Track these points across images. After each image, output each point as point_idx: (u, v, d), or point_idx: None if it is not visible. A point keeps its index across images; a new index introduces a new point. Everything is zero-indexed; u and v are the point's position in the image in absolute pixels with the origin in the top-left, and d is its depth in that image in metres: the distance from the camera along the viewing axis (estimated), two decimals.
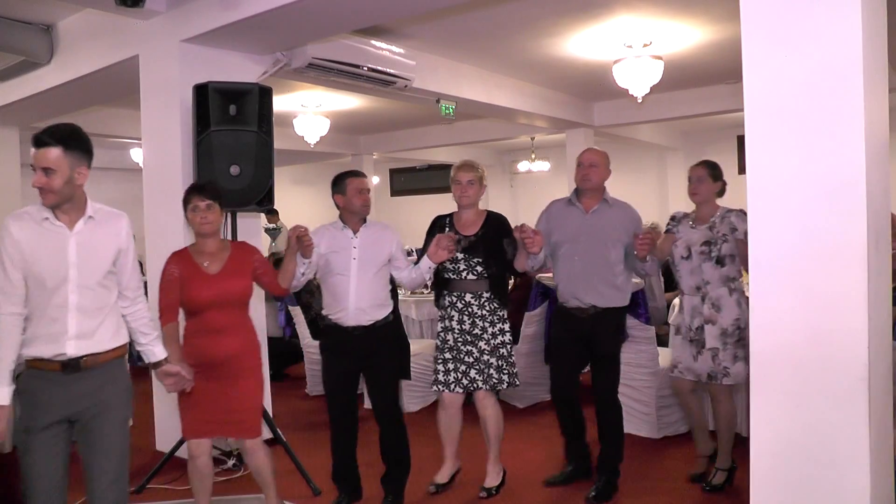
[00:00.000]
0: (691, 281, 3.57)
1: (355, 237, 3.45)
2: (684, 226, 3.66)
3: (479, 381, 3.52)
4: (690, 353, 3.58)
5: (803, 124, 2.09)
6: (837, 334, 2.05)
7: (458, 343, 3.55)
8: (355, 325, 3.39)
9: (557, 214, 3.68)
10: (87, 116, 7.68)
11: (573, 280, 3.55)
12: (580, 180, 3.61)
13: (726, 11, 5.03)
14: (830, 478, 2.07)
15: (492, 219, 3.65)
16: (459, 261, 3.54)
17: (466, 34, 5.62)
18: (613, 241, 3.54)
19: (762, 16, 2.15)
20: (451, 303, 3.59)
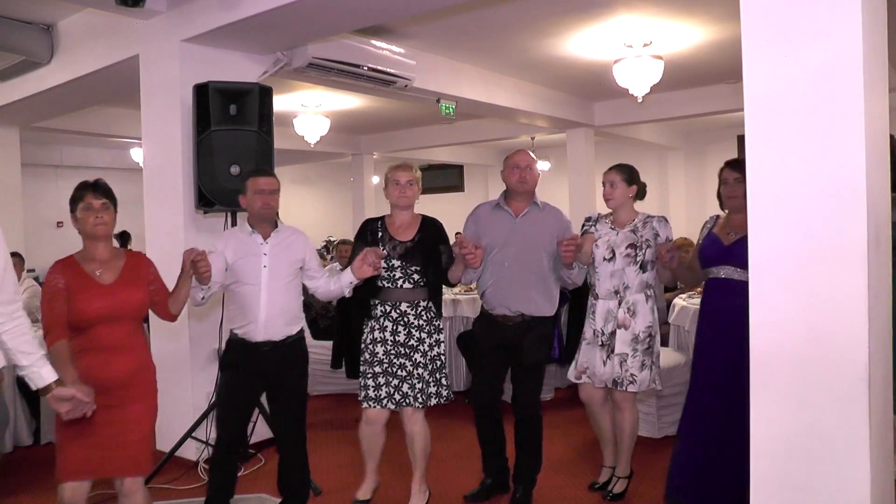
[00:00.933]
0: (610, 284, 3.45)
1: (265, 243, 3.18)
2: (603, 227, 3.55)
3: (410, 397, 3.28)
4: (600, 358, 3.46)
5: (803, 124, 2.09)
6: (837, 334, 2.04)
7: (391, 356, 3.30)
8: (265, 339, 3.13)
9: (485, 219, 3.52)
10: (88, 116, 7.70)
11: (504, 287, 3.40)
12: (517, 182, 3.44)
13: (726, 11, 5.03)
14: (830, 478, 2.07)
15: (427, 223, 3.42)
16: (396, 268, 3.31)
17: (467, 34, 5.62)
18: (545, 247, 3.42)
19: (762, 15, 2.15)
20: (384, 312, 3.33)
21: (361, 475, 3.61)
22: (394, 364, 3.29)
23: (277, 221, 3.27)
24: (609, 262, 3.45)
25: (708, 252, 3.30)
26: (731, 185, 3.26)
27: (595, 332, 3.48)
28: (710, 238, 3.33)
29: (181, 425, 4.07)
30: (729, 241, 3.23)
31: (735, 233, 3.21)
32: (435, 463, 3.92)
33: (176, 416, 4.14)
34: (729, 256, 3.19)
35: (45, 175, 11.46)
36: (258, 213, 3.19)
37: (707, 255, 3.31)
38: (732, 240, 3.21)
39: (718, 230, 3.33)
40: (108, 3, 3.91)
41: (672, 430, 4.52)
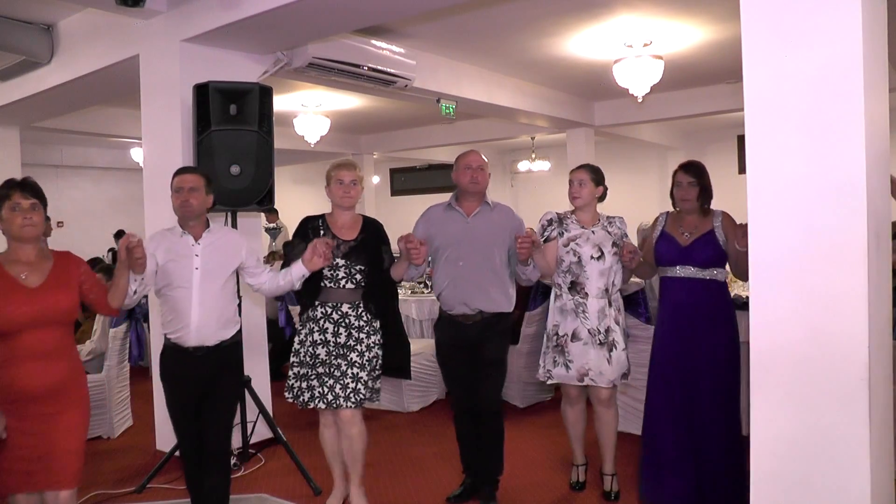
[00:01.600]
0: (600, 282, 3.42)
1: (197, 244, 3.07)
2: (574, 227, 3.51)
3: (341, 398, 3.20)
4: (603, 356, 3.39)
5: (804, 124, 2.09)
6: (838, 334, 2.04)
7: (332, 357, 3.22)
8: (198, 345, 3.03)
9: (437, 220, 3.50)
10: (88, 116, 7.71)
11: (461, 285, 3.38)
12: (469, 183, 3.44)
13: (727, 11, 5.03)
14: (831, 478, 2.07)
15: (369, 223, 3.40)
16: (339, 268, 3.24)
17: (467, 34, 5.62)
18: (498, 245, 3.42)
19: (762, 15, 2.15)
20: (324, 314, 3.25)
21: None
22: (332, 365, 3.23)
23: (209, 221, 3.17)
24: (598, 260, 3.43)
25: (665, 252, 3.38)
26: (685, 188, 3.34)
27: (591, 331, 3.41)
28: (666, 238, 3.41)
29: None
30: (686, 241, 3.32)
31: (689, 233, 3.33)
32: (435, 463, 3.92)
33: None
34: (688, 258, 3.30)
35: (46, 175, 11.43)
36: (177, 213, 3.08)
37: (664, 255, 3.39)
38: (689, 241, 3.31)
39: (671, 229, 3.41)
40: (109, 3, 3.90)
41: None
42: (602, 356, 3.40)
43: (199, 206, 3.06)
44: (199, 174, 3.14)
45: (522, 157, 12.57)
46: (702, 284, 3.29)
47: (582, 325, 3.42)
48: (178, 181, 3.07)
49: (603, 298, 3.43)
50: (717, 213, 3.36)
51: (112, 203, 12.21)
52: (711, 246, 3.28)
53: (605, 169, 3.68)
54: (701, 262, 3.28)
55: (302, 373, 3.27)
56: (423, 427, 4.43)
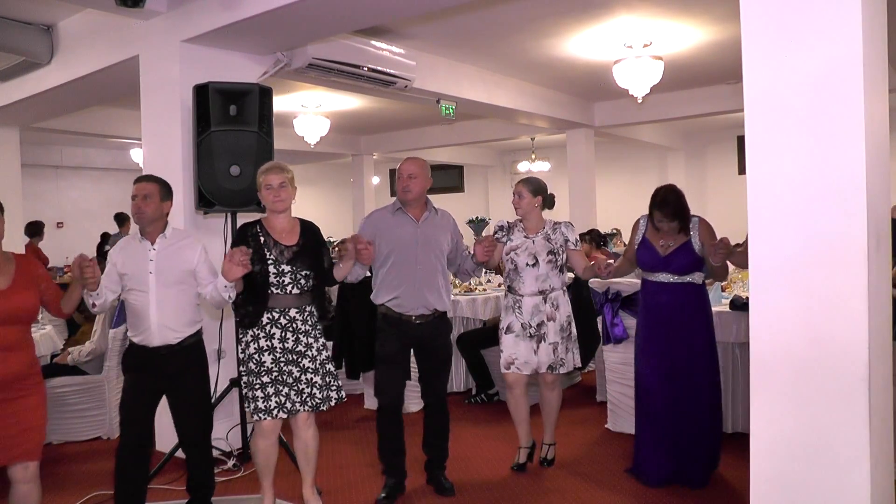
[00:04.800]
0: (535, 286, 3.75)
1: (153, 249, 3.20)
2: (517, 235, 3.83)
3: (297, 404, 3.21)
4: (530, 347, 3.75)
5: (804, 124, 2.09)
6: (838, 335, 2.04)
7: (281, 363, 3.21)
8: (162, 344, 3.17)
9: (385, 224, 3.58)
10: (87, 117, 7.71)
11: (419, 288, 3.50)
12: (401, 192, 3.56)
13: (726, 11, 5.03)
14: (830, 478, 2.07)
15: (307, 227, 3.37)
16: (285, 273, 3.22)
17: (467, 34, 5.62)
18: (444, 248, 3.62)
19: (762, 16, 2.15)
20: (272, 320, 3.21)
21: (361, 475, 3.62)
22: (283, 372, 3.20)
23: (168, 227, 3.26)
24: (533, 267, 3.76)
25: (646, 259, 3.72)
26: (666, 224, 3.60)
27: (523, 325, 3.75)
28: (646, 245, 3.72)
29: None
30: (665, 252, 3.65)
31: (668, 244, 3.65)
32: None
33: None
34: (667, 266, 3.64)
35: (46, 175, 11.47)
36: (133, 219, 3.22)
37: (645, 262, 3.73)
38: (668, 251, 3.64)
39: (651, 237, 3.71)
40: (108, 3, 3.91)
41: None
42: (530, 348, 3.75)
43: (154, 213, 3.20)
44: (155, 182, 3.25)
45: (522, 158, 12.56)
46: (680, 287, 3.65)
47: (516, 320, 3.77)
48: (133, 189, 3.22)
49: (538, 296, 3.76)
50: (694, 221, 3.65)
51: (111, 203, 12.19)
52: (688, 255, 3.61)
53: (606, 169, 3.74)
54: (679, 270, 3.63)
55: (248, 381, 3.22)
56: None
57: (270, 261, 3.19)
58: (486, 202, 14.44)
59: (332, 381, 3.31)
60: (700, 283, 3.69)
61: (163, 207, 3.24)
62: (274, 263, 3.20)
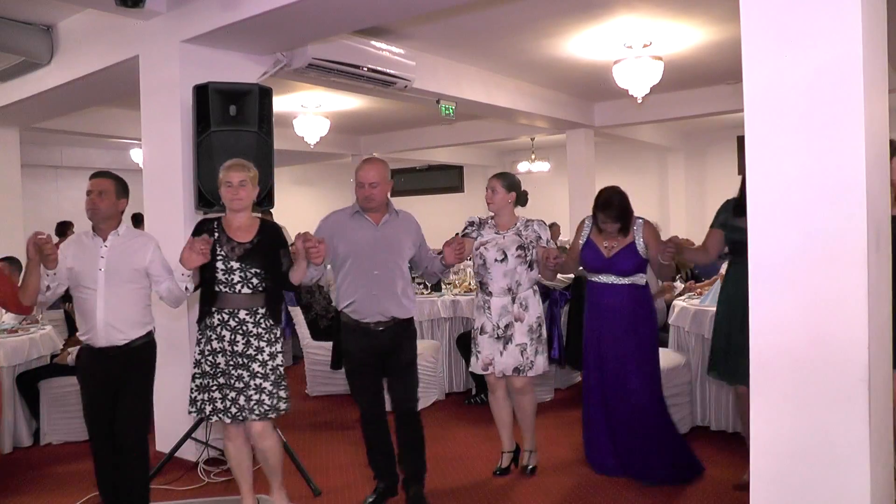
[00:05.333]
0: (503, 283, 3.71)
1: (104, 246, 3.16)
2: (488, 231, 3.78)
3: (245, 411, 3.11)
4: (497, 349, 3.71)
5: (803, 125, 2.09)
6: (838, 335, 2.04)
7: (230, 367, 3.12)
8: (108, 345, 3.12)
9: (344, 226, 3.44)
10: (88, 117, 7.71)
11: (377, 294, 3.36)
12: (363, 200, 3.40)
13: (726, 12, 5.03)
14: (830, 478, 2.07)
15: (267, 226, 3.27)
16: (234, 271, 3.12)
17: (467, 34, 5.62)
18: (405, 252, 3.48)
19: (762, 16, 2.15)
20: (221, 321, 3.13)
21: (361, 475, 3.62)
22: (231, 375, 3.12)
23: (122, 225, 3.23)
24: (501, 262, 3.70)
25: (590, 260, 3.78)
26: (609, 225, 3.67)
27: (493, 326, 3.72)
28: (591, 247, 3.78)
29: (181, 426, 4.07)
30: (609, 253, 3.72)
31: (612, 245, 3.72)
32: (435, 464, 3.91)
33: (175, 418, 4.14)
34: (611, 268, 3.72)
35: (45, 176, 11.46)
36: (87, 215, 3.18)
37: (590, 263, 3.79)
38: (612, 253, 3.71)
39: (596, 238, 3.78)
40: (108, 3, 3.90)
41: None
42: (497, 349, 3.72)
43: (108, 210, 3.17)
44: (110, 178, 3.22)
45: (522, 158, 12.57)
46: (624, 288, 3.73)
47: (488, 321, 3.75)
48: (88, 185, 3.18)
49: (506, 296, 3.72)
50: (639, 224, 3.72)
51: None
52: (632, 257, 3.69)
53: (605, 170, 3.75)
54: (623, 272, 3.71)
55: (203, 384, 3.17)
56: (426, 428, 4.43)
57: (220, 257, 3.11)
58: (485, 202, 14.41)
59: (282, 389, 3.20)
60: (644, 284, 3.76)
61: (118, 205, 3.21)
62: (223, 260, 3.12)
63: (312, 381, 5.86)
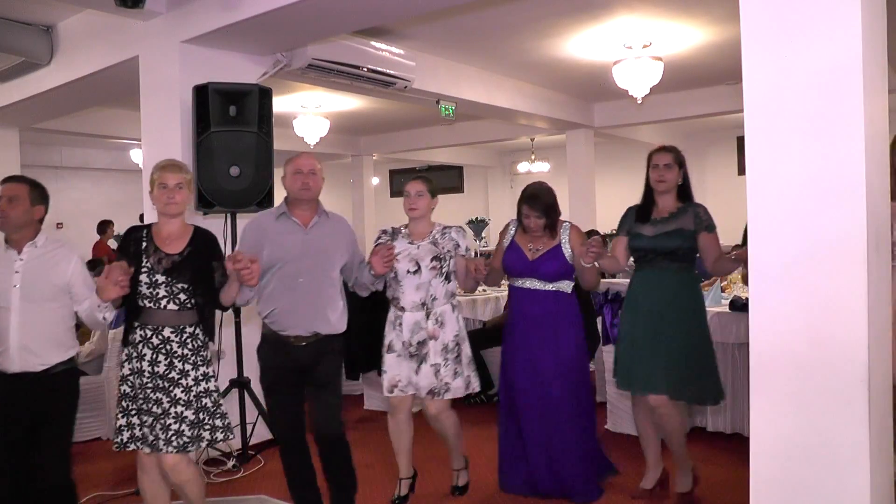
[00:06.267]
0: (416, 297, 3.37)
1: (19, 259, 2.83)
2: (401, 241, 3.44)
3: (162, 441, 2.74)
4: (411, 368, 3.39)
5: (803, 125, 2.09)
6: (838, 336, 2.04)
7: (148, 389, 2.78)
8: (21, 370, 2.78)
9: (268, 230, 3.12)
10: (87, 117, 7.71)
11: (298, 306, 3.05)
12: (300, 189, 3.09)
13: (726, 12, 5.03)
14: (830, 479, 2.07)
15: (200, 235, 2.94)
16: (159, 285, 2.78)
17: (466, 35, 5.62)
18: (337, 259, 3.16)
19: (762, 16, 2.15)
20: (143, 338, 2.80)
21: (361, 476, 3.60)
22: (150, 399, 2.77)
23: (40, 235, 2.91)
24: (414, 275, 3.37)
25: (514, 263, 3.53)
26: (532, 221, 3.44)
27: (404, 344, 3.39)
28: (515, 249, 3.54)
29: None
30: (533, 256, 3.49)
31: (537, 248, 3.49)
32: (436, 465, 3.92)
33: None
34: (534, 272, 3.48)
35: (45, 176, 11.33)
36: None
37: (513, 267, 3.53)
38: (535, 256, 3.48)
39: (520, 240, 3.54)
40: (108, 4, 3.91)
41: None
42: (411, 368, 3.38)
43: (20, 218, 2.85)
44: (24, 183, 2.91)
45: (522, 159, 12.57)
46: (548, 295, 3.49)
47: (397, 338, 3.41)
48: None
49: (419, 311, 3.38)
50: (566, 227, 3.51)
51: (111, 204, 12.20)
52: (557, 261, 3.45)
53: (605, 170, 3.72)
54: (547, 276, 3.47)
55: (124, 407, 2.83)
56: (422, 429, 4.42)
57: (145, 269, 2.78)
58: (485, 203, 14.43)
59: (206, 419, 2.83)
60: (570, 292, 3.51)
61: (33, 212, 2.88)
62: (148, 272, 2.78)
63: None
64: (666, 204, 3.46)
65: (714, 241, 3.37)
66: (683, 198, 3.49)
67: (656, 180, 3.44)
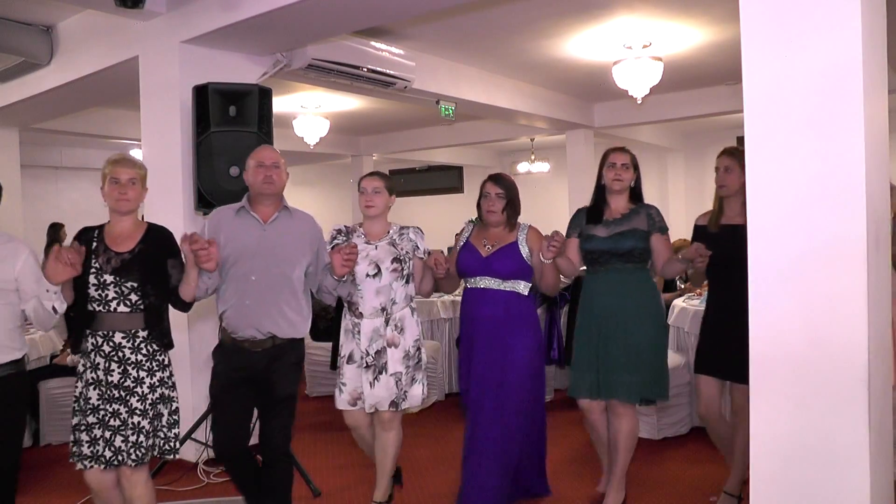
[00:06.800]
0: (376, 301, 3.20)
1: None
2: (358, 240, 3.26)
3: (123, 453, 2.61)
4: (367, 380, 3.20)
5: (803, 125, 2.09)
6: (837, 336, 2.04)
7: (104, 401, 2.64)
8: None
9: (228, 225, 2.97)
10: (87, 118, 7.71)
11: (251, 304, 2.88)
12: (262, 183, 2.96)
13: (726, 12, 5.03)
14: (830, 479, 2.07)
15: (154, 232, 2.80)
16: (108, 286, 2.64)
17: (466, 35, 5.62)
18: (298, 258, 2.98)
19: (762, 16, 2.15)
20: (95, 346, 2.66)
21: (361, 476, 3.61)
22: (107, 411, 2.63)
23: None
24: (374, 278, 3.20)
25: (468, 262, 3.36)
26: (492, 199, 3.31)
27: (362, 353, 3.21)
28: (469, 248, 3.39)
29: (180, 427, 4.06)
30: (487, 253, 3.32)
31: (491, 245, 3.33)
32: (435, 465, 3.92)
33: None
34: (488, 269, 3.30)
35: (45, 176, 11.45)
36: None
37: (468, 266, 3.36)
38: (490, 252, 3.31)
39: (475, 240, 3.39)
40: (108, 4, 3.91)
41: (672, 431, 4.53)
42: (366, 379, 3.20)
43: None
44: None
45: (522, 159, 12.56)
46: (502, 295, 3.30)
47: (357, 347, 3.24)
48: None
49: (378, 318, 3.21)
50: (524, 227, 3.37)
51: None
52: (512, 258, 3.28)
53: None
54: (502, 273, 3.29)
55: (75, 422, 2.69)
56: (422, 429, 4.43)
57: (93, 270, 2.64)
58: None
59: (162, 428, 2.73)
60: (526, 293, 3.35)
61: None
62: (96, 273, 2.64)
63: (312, 381, 5.87)
64: (618, 205, 3.43)
65: (666, 242, 3.36)
66: (635, 199, 3.48)
67: (613, 179, 3.39)
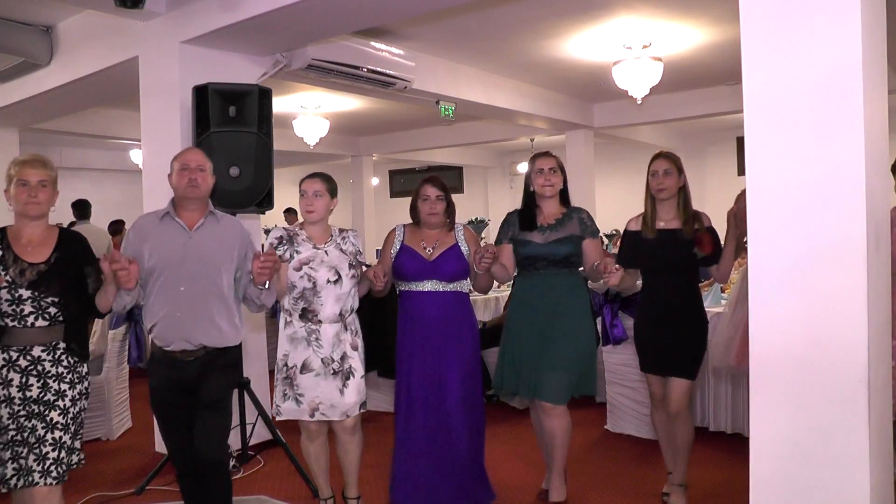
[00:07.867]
0: (336, 308, 3.12)
1: None
2: (304, 245, 3.15)
3: (37, 473, 2.45)
4: (335, 387, 3.11)
5: (803, 126, 2.09)
6: (837, 336, 2.04)
7: (21, 418, 2.49)
8: None
9: (152, 233, 2.82)
10: (87, 118, 7.71)
11: (181, 316, 2.76)
12: (186, 186, 2.79)
13: (726, 12, 5.03)
14: (830, 479, 2.07)
15: (67, 238, 2.65)
16: (24, 300, 2.49)
17: (466, 35, 5.63)
18: (227, 265, 2.84)
19: (762, 17, 2.15)
20: (8, 361, 2.50)
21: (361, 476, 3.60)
22: (24, 428, 2.48)
23: None
24: (335, 284, 3.11)
25: (411, 266, 3.33)
26: (433, 202, 3.33)
27: (324, 361, 3.11)
28: (408, 252, 3.36)
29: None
30: (430, 256, 3.34)
31: (433, 247, 3.35)
32: None
33: None
34: (435, 272, 3.31)
35: None
36: None
37: (411, 270, 3.33)
38: (434, 255, 3.34)
39: (411, 242, 3.38)
40: (108, 4, 3.90)
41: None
42: (335, 387, 3.12)
43: None
44: None
45: (522, 159, 12.57)
46: (449, 296, 3.35)
47: (314, 355, 3.11)
48: None
49: (338, 323, 3.14)
50: (458, 227, 3.44)
51: (111, 205, 12.17)
52: (457, 261, 3.34)
53: (605, 171, 3.72)
54: (447, 276, 3.33)
55: None
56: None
57: (4, 284, 2.48)
58: (485, 203, 14.44)
59: (76, 442, 2.60)
60: (467, 292, 3.43)
61: None
62: (9, 287, 2.48)
63: None
64: (550, 210, 3.46)
65: (597, 246, 3.42)
66: (564, 202, 3.52)
67: (543, 184, 3.42)
